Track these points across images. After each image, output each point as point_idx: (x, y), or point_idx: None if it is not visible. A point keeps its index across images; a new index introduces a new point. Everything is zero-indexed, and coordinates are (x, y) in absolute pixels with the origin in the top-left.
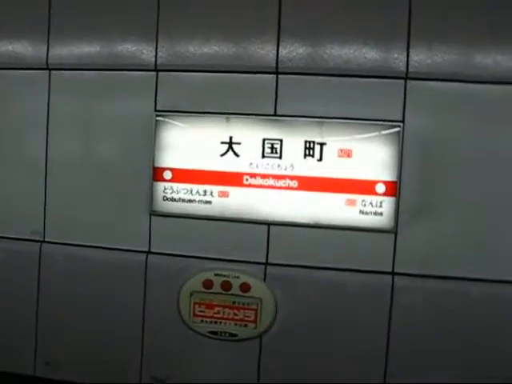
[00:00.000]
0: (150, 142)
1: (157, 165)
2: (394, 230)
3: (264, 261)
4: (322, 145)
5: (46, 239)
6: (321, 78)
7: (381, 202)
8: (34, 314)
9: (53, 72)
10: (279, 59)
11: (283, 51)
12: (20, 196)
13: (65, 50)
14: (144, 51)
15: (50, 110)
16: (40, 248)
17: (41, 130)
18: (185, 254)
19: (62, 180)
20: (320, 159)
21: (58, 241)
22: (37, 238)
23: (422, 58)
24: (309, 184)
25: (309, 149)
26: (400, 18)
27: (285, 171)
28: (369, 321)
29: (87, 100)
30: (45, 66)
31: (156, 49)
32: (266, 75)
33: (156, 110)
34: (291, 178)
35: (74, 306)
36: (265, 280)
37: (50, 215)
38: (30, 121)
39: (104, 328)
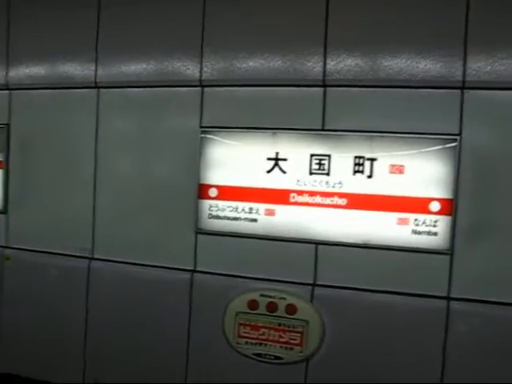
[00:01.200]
0: (196, 159)
1: (202, 182)
2: (449, 251)
3: (311, 282)
4: (372, 160)
5: (94, 256)
6: (371, 89)
7: (435, 221)
8: (82, 331)
9: (101, 90)
10: (326, 71)
11: (331, 63)
12: (70, 213)
13: (112, 69)
14: (189, 67)
15: (98, 127)
16: (89, 265)
17: (89, 147)
18: (230, 273)
19: (109, 197)
20: (370, 176)
21: (106, 258)
22: (86, 255)
23: (480, 65)
24: (358, 202)
25: (358, 165)
26: (456, 24)
27: (333, 188)
28: (422, 347)
29: (134, 117)
30: (93, 85)
31: (201, 64)
32: (313, 88)
33: (201, 127)
34: (340, 195)
35: (121, 323)
36: (312, 302)
37: (99, 232)
38: (79, 139)
39: (150, 346)
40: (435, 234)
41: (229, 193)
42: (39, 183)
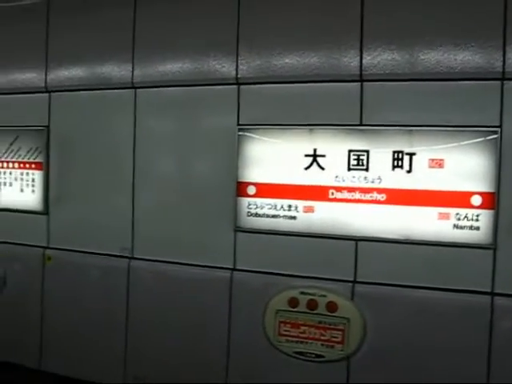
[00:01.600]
0: (234, 157)
1: (240, 179)
2: (492, 246)
3: (352, 279)
4: (411, 155)
5: (134, 255)
6: (408, 83)
7: (477, 216)
8: (123, 330)
9: (138, 90)
10: (363, 66)
11: (367, 57)
12: (110, 213)
13: (149, 69)
14: (225, 65)
15: (136, 127)
16: (129, 264)
17: (128, 147)
18: (270, 270)
19: (148, 197)
20: (409, 170)
21: (146, 257)
22: (126, 255)
23: None
24: (398, 197)
25: (397, 160)
26: (494, 13)
27: (372, 184)
28: (466, 344)
29: (171, 116)
30: (130, 85)
31: (237, 62)
32: (350, 83)
33: (238, 124)
34: (379, 191)
35: (161, 322)
36: (352, 299)
37: (138, 232)
38: (118, 139)
39: (190, 345)
40: (477, 228)
41: (267, 190)
42: (79, 184)
